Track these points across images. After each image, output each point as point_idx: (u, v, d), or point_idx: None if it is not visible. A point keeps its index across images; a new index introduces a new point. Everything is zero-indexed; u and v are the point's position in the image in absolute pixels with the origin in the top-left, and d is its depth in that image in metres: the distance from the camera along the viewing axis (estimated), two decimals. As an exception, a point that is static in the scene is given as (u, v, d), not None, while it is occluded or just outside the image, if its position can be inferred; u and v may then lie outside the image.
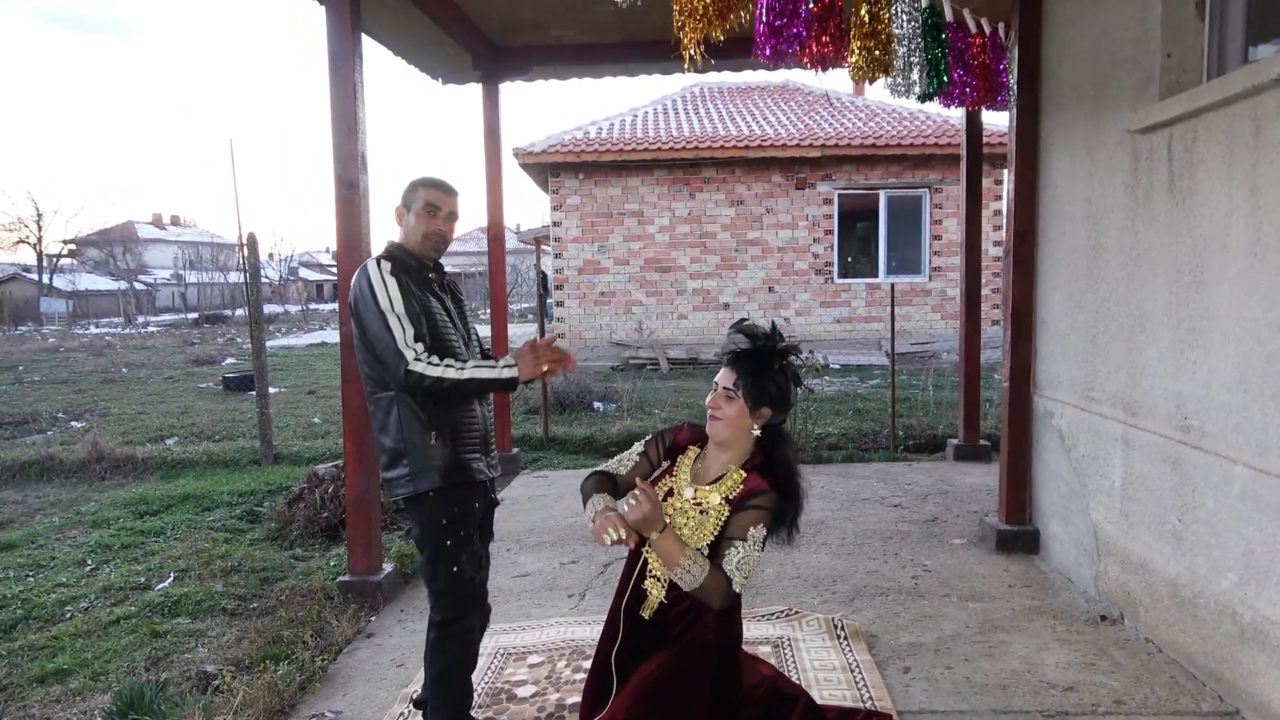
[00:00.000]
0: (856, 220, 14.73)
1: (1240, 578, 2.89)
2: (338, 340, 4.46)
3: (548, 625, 3.78)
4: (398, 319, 2.51)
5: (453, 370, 2.50)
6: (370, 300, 2.53)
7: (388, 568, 4.25)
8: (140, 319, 34.35)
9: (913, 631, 3.62)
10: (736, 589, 2.28)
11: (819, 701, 2.69)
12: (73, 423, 9.89)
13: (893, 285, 8.47)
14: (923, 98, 3.35)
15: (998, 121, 11.32)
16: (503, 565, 4.57)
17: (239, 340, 21.50)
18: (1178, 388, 3.26)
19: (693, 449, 2.48)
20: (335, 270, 4.28)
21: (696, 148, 13.88)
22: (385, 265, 2.58)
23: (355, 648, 3.66)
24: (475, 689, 3.12)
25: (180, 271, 46.91)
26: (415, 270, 2.67)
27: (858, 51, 2.97)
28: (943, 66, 3.38)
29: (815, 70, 2.92)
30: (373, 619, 3.96)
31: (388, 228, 2.84)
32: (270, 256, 46.63)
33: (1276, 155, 2.71)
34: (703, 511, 2.33)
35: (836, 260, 14.48)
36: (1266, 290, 2.76)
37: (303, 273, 53.46)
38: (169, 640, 3.84)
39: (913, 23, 3.16)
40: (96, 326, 30.67)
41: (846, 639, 3.51)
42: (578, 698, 2.76)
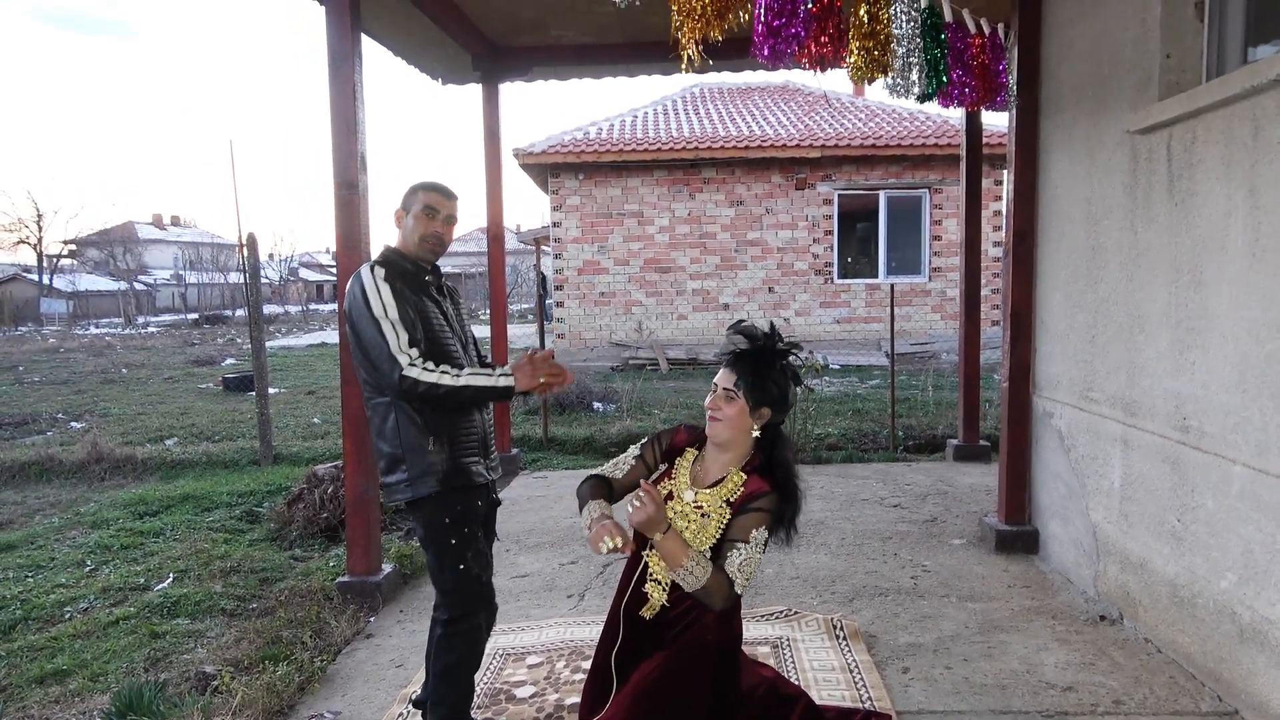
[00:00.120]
0: (856, 221, 14.73)
1: (1239, 578, 2.89)
2: (337, 341, 4.46)
3: (547, 626, 3.78)
4: (391, 325, 2.51)
5: (448, 377, 2.50)
6: (364, 307, 2.53)
7: (387, 568, 4.25)
8: (140, 319, 34.35)
9: (912, 632, 3.62)
10: (738, 590, 2.28)
11: (818, 702, 2.69)
12: (72, 423, 9.89)
13: (892, 286, 8.47)
14: (922, 98, 3.34)
15: (998, 122, 11.33)
16: (502, 566, 4.56)
17: (239, 341, 21.50)
18: (1177, 388, 3.26)
19: (691, 451, 2.48)
20: (335, 270, 4.28)
21: (696, 148, 13.88)
22: (379, 272, 2.58)
23: (354, 648, 3.66)
24: (475, 689, 3.13)
25: (180, 272, 46.90)
26: (411, 274, 2.67)
27: (856, 52, 2.97)
28: (942, 67, 3.37)
29: (814, 70, 2.92)
30: (372, 619, 3.96)
31: (387, 228, 2.85)
32: (270, 257, 46.63)
33: (1275, 156, 2.71)
34: (704, 515, 2.33)
35: (836, 260, 14.48)
36: (1265, 290, 2.76)
37: (303, 273, 53.45)
38: (168, 641, 3.84)
39: (911, 23, 3.15)
40: (96, 327, 30.67)
41: (845, 639, 3.51)
42: (577, 698, 2.76)
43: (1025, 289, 4.58)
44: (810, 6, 2.66)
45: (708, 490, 2.37)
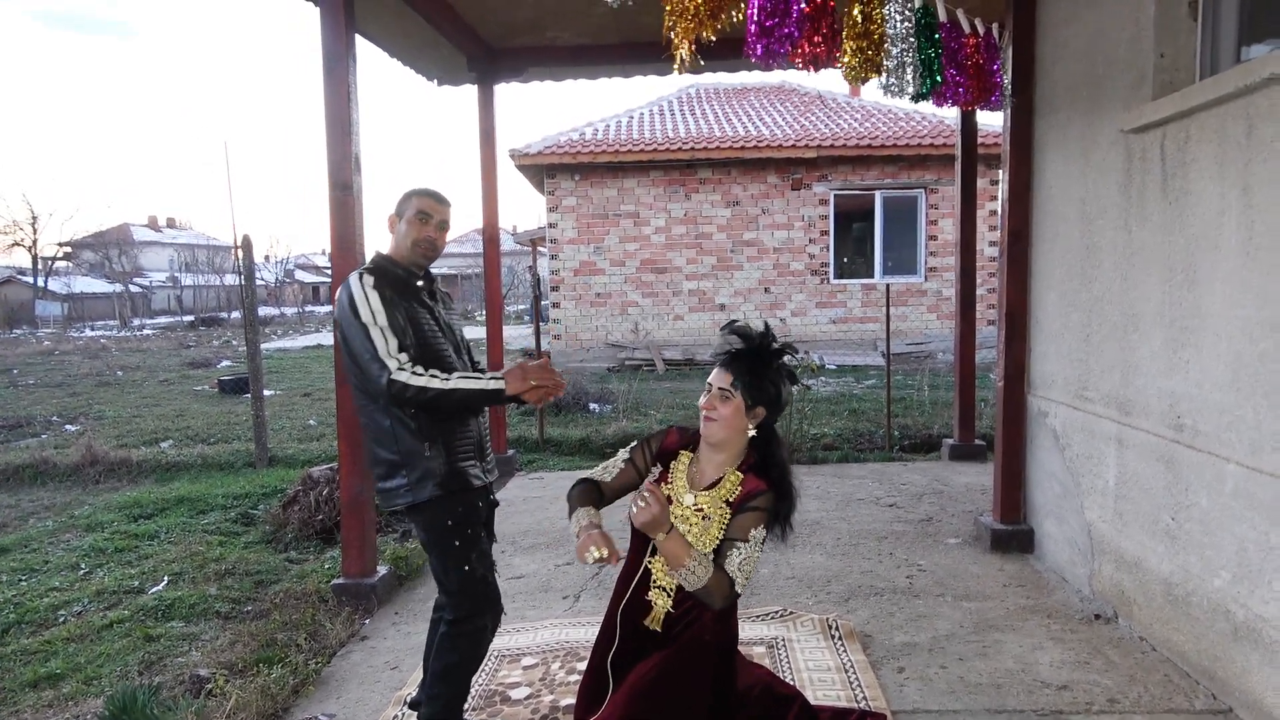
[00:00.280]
0: (852, 221, 14.74)
1: (1233, 576, 2.90)
2: (332, 343, 4.45)
3: (542, 627, 3.77)
4: (380, 331, 2.50)
5: (436, 380, 2.49)
6: (352, 315, 2.53)
7: (382, 570, 4.24)
8: (135, 321, 34.29)
9: (907, 631, 3.62)
10: (739, 590, 2.28)
11: (813, 702, 2.69)
12: (67, 426, 9.86)
13: (888, 286, 8.48)
14: (916, 98, 3.34)
15: (993, 122, 11.33)
16: (498, 567, 4.55)
17: (235, 343, 21.46)
18: (1171, 386, 3.27)
19: (685, 454, 2.47)
20: (331, 272, 4.26)
21: (692, 149, 13.89)
22: (367, 279, 2.58)
23: (349, 650, 3.65)
24: (470, 691, 3.13)
25: (176, 274, 46.85)
26: (402, 280, 2.67)
27: (850, 52, 2.97)
28: (936, 67, 3.37)
29: (808, 70, 2.91)
30: (367, 622, 3.95)
31: (382, 230, 2.84)
32: (266, 259, 46.58)
33: (1268, 154, 2.72)
34: (705, 517, 2.33)
35: (832, 261, 14.49)
36: (1259, 289, 2.76)
37: (299, 275, 53.41)
38: (162, 644, 3.83)
39: (905, 23, 3.15)
40: (91, 329, 30.61)
41: (841, 639, 3.51)
42: (572, 699, 2.76)
43: (1020, 288, 4.59)
44: (803, 6, 2.66)
45: (706, 492, 2.37)
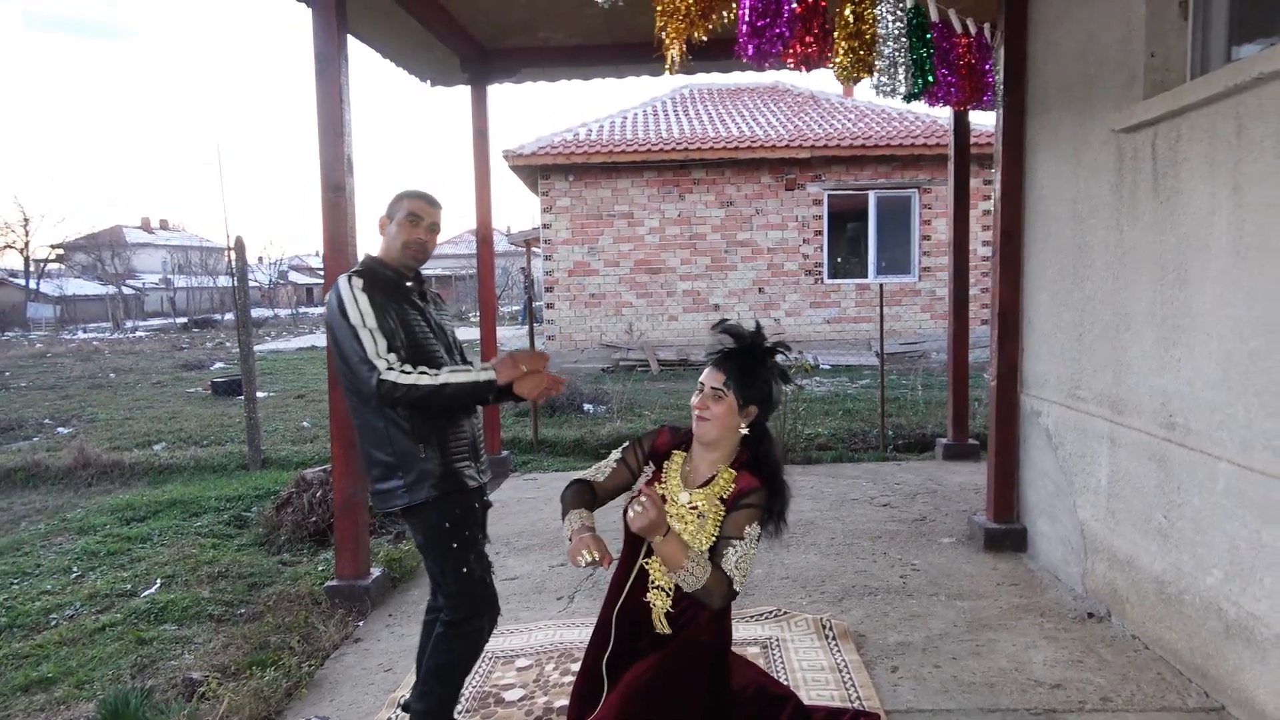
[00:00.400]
0: (846, 221, 14.76)
1: (1225, 574, 2.91)
2: (325, 345, 4.44)
3: (536, 628, 3.77)
4: (369, 333, 2.50)
5: (426, 377, 2.49)
6: (341, 317, 2.53)
7: (376, 572, 4.23)
8: (128, 324, 34.14)
9: (901, 631, 3.62)
10: (737, 588, 2.28)
11: (807, 702, 2.69)
12: (59, 429, 9.82)
13: (881, 285, 8.50)
14: (908, 98, 3.35)
15: (986, 121, 11.35)
16: (494, 568, 4.55)
17: (228, 345, 21.39)
18: (1162, 385, 3.28)
19: (678, 453, 2.47)
20: (324, 274, 4.27)
21: (686, 149, 13.89)
22: (356, 282, 2.58)
23: (343, 653, 3.64)
24: (462, 693, 3.12)
25: (169, 276, 46.67)
26: (392, 281, 2.67)
27: (842, 52, 2.98)
28: (928, 67, 3.39)
29: (799, 70, 2.92)
30: (360, 624, 3.94)
31: (374, 231, 2.83)
32: (259, 260, 46.44)
33: (1258, 154, 2.73)
34: (700, 515, 2.33)
35: (826, 261, 14.51)
36: (1249, 288, 2.77)
37: (292, 276, 53.24)
38: (155, 647, 3.81)
39: (897, 23, 3.16)
40: (84, 332, 30.48)
41: (835, 639, 3.51)
42: (566, 701, 2.75)
43: (1012, 288, 4.59)
44: (795, 6, 2.66)
45: (700, 490, 2.37)
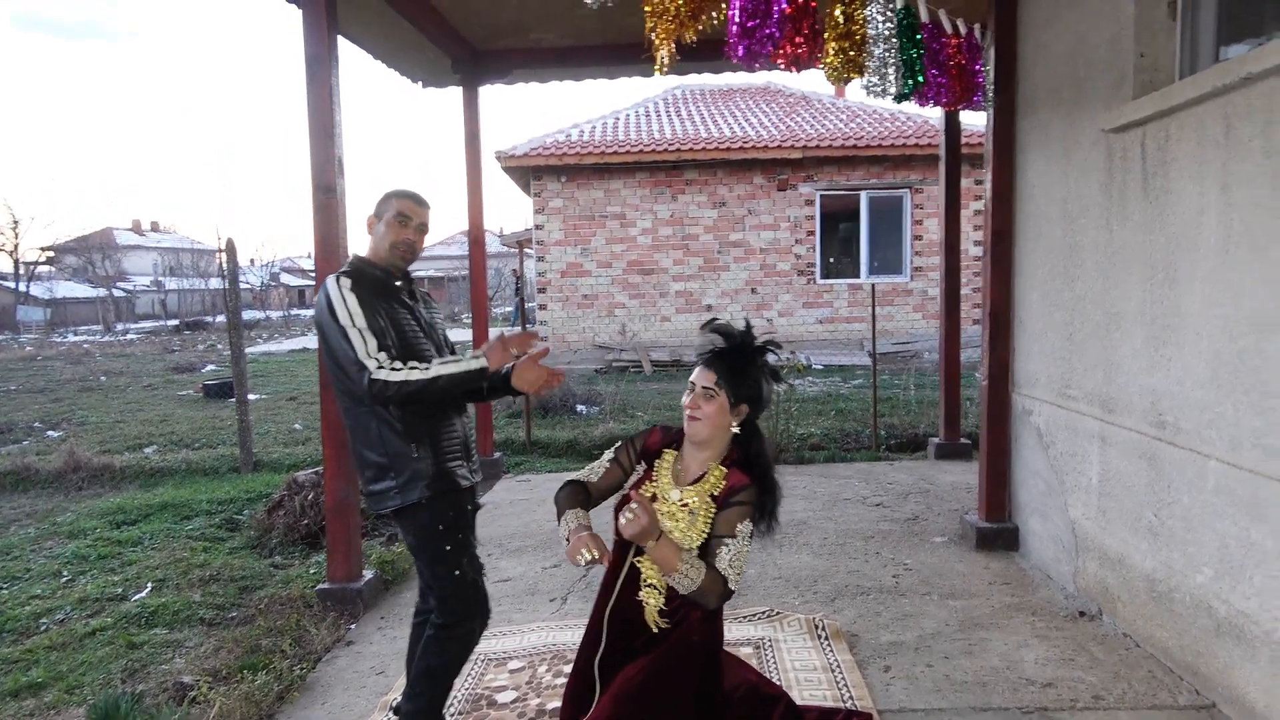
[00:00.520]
0: (838, 221, 14.78)
1: (1215, 572, 2.92)
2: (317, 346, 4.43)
3: (529, 630, 3.76)
4: (359, 333, 2.49)
5: (416, 372, 2.49)
6: (330, 317, 2.52)
7: (368, 574, 4.22)
8: (119, 326, 33.99)
9: (893, 630, 3.63)
10: (732, 587, 2.28)
11: (799, 702, 2.69)
12: (49, 432, 9.77)
13: (874, 285, 8.50)
14: (898, 98, 3.35)
15: (977, 121, 11.41)
16: (485, 570, 4.54)
17: (220, 347, 21.31)
18: (1152, 384, 3.29)
19: (669, 452, 2.47)
20: (315, 275, 4.24)
21: (678, 150, 13.89)
22: (345, 282, 2.57)
23: (335, 656, 3.63)
24: (455, 695, 3.12)
25: (160, 278, 46.50)
26: (381, 281, 2.66)
27: (832, 52, 2.97)
28: (918, 67, 3.38)
29: (790, 71, 2.92)
30: (353, 626, 3.93)
31: (364, 232, 2.82)
32: (251, 262, 46.33)
33: (1246, 153, 2.74)
34: (691, 512, 2.33)
35: (819, 261, 14.52)
36: (1237, 287, 2.79)
37: (284, 278, 53.10)
38: (146, 651, 3.80)
39: (887, 23, 3.16)
40: (75, 334, 30.31)
41: (827, 639, 3.51)
42: (559, 703, 2.74)
43: (1004, 288, 4.61)
44: (785, 7, 2.66)
45: (691, 487, 2.37)
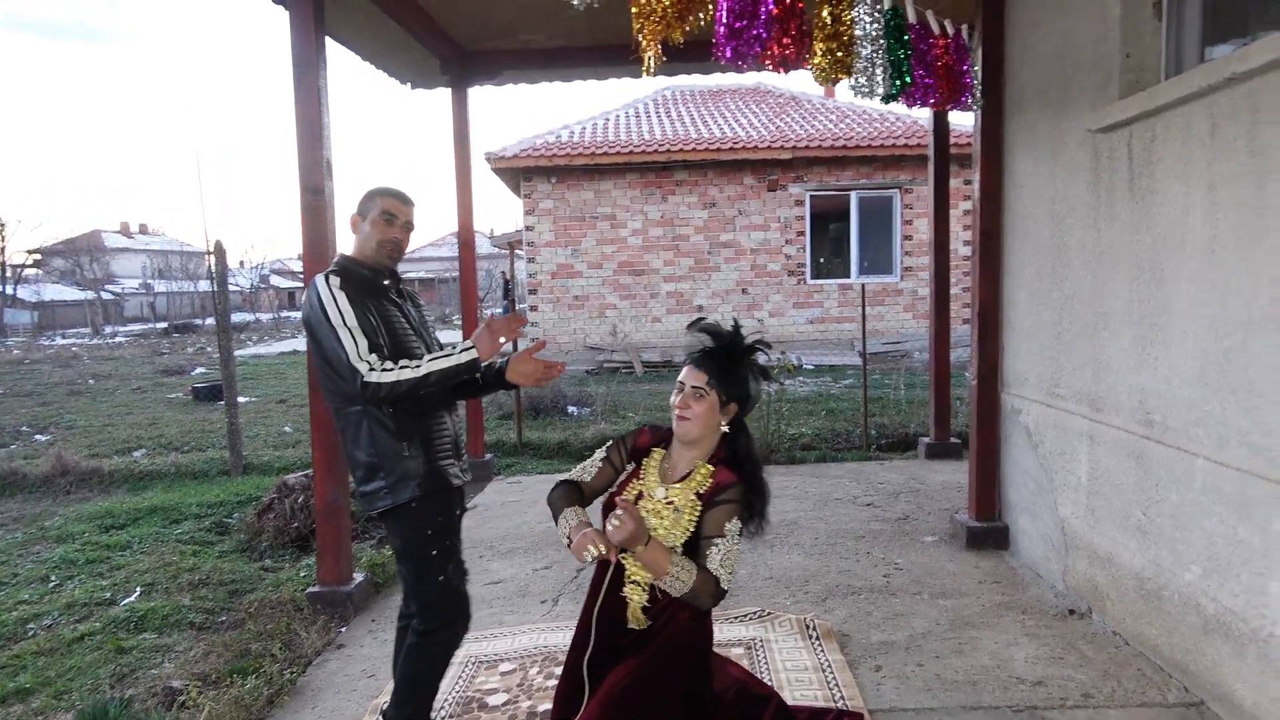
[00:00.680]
0: (828, 221, 14.81)
1: (1204, 570, 2.93)
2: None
3: (520, 632, 3.76)
4: (350, 333, 2.48)
5: (408, 371, 2.47)
6: (322, 316, 2.50)
7: (358, 577, 4.20)
8: (108, 329, 33.79)
9: (884, 630, 3.64)
10: (725, 586, 2.28)
11: (790, 702, 2.69)
12: (37, 436, 9.70)
13: (864, 286, 8.53)
14: (886, 99, 3.36)
15: (965, 122, 11.45)
16: (475, 572, 4.51)
17: (209, 350, 21.21)
18: (1140, 383, 3.30)
19: (657, 451, 2.48)
20: (304, 277, 4.23)
21: (669, 150, 13.90)
22: (334, 280, 2.55)
23: (325, 659, 3.62)
24: (446, 698, 3.11)
25: (149, 281, 46.25)
26: (369, 280, 2.65)
27: (820, 53, 2.98)
28: (905, 68, 3.39)
29: (778, 72, 2.92)
30: (343, 630, 3.91)
31: (350, 232, 2.81)
32: (241, 264, 46.14)
33: (1231, 153, 2.76)
34: (676, 510, 2.33)
35: (809, 261, 14.56)
36: (1224, 286, 2.80)
37: (274, 280, 52.91)
38: (134, 656, 3.77)
39: (875, 24, 3.17)
40: (63, 337, 30.11)
41: (818, 639, 3.52)
42: (550, 705, 2.74)
43: (992, 288, 4.62)
44: (772, 8, 2.67)
45: (677, 485, 2.37)
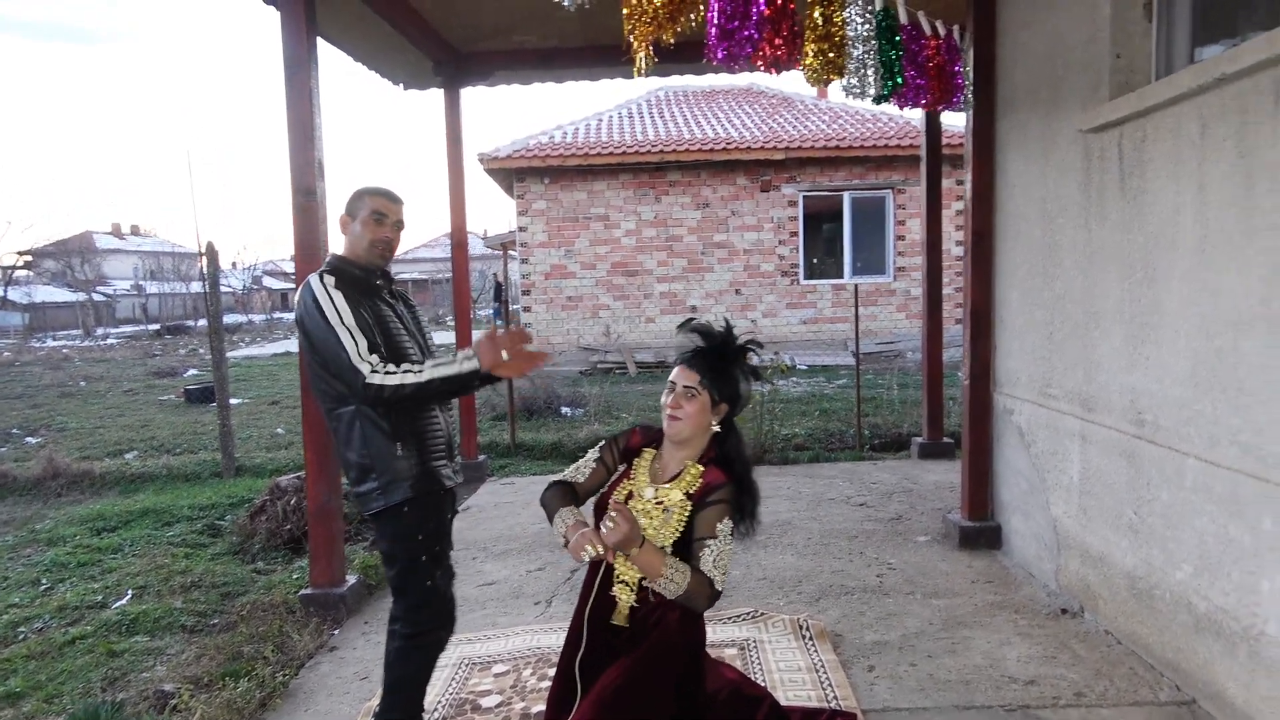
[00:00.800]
0: (821, 222, 14.84)
1: (1195, 569, 2.94)
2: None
3: (513, 634, 3.75)
4: (348, 332, 2.46)
5: (411, 375, 2.46)
6: (318, 316, 2.48)
7: (351, 579, 4.19)
8: (99, 331, 33.65)
9: (877, 630, 3.64)
10: (719, 588, 2.28)
11: (784, 703, 2.69)
12: (28, 438, 9.66)
13: (857, 286, 8.53)
14: (878, 99, 3.37)
15: (958, 122, 11.48)
16: (468, 574, 4.53)
17: (201, 351, 21.13)
18: (1131, 382, 3.31)
19: (648, 451, 2.48)
20: (295, 278, 4.21)
21: (662, 151, 13.91)
22: (329, 279, 2.54)
23: (318, 662, 3.61)
24: (439, 700, 3.11)
25: (141, 282, 46.08)
26: (362, 280, 2.64)
27: (812, 54, 2.98)
28: (897, 69, 3.40)
29: (770, 72, 2.93)
30: (336, 632, 3.90)
31: (340, 233, 2.80)
32: (234, 265, 46.01)
33: (1221, 154, 2.77)
34: (665, 509, 2.33)
35: (802, 262, 14.57)
36: (1214, 286, 2.81)
37: (267, 281, 52.76)
38: (126, 659, 3.76)
39: (866, 25, 3.17)
40: (54, 339, 29.96)
41: (812, 639, 3.52)
42: (543, 706, 2.74)
43: (984, 288, 4.63)
44: (763, 9, 2.67)
45: (666, 485, 2.37)
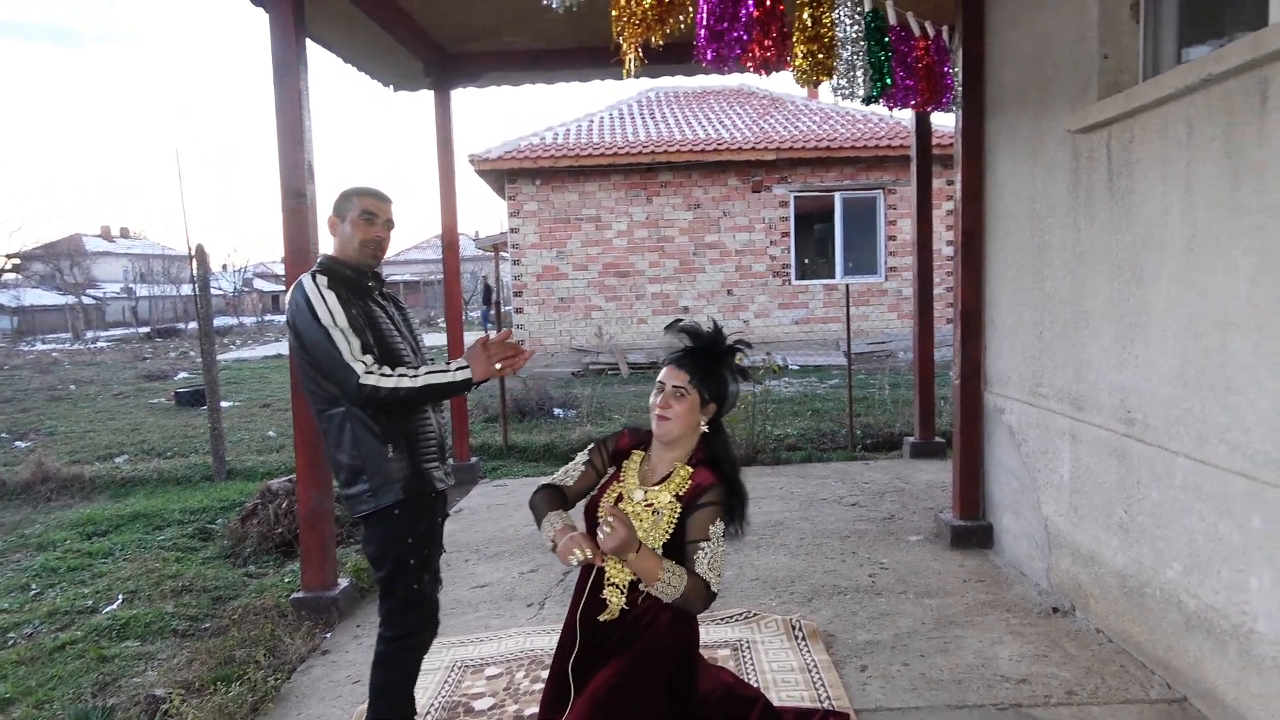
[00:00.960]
0: (813, 222, 14.87)
1: (1184, 567, 2.96)
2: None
3: (506, 636, 3.74)
4: (341, 333, 2.44)
5: (406, 379, 2.46)
6: (310, 317, 2.46)
7: (343, 582, 4.18)
8: (89, 334, 33.47)
9: (870, 630, 3.65)
10: (715, 590, 2.29)
11: (777, 703, 2.70)
12: (17, 443, 9.61)
13: (848, 286, 8.56)
14: (867, 100, 3.38)
15: (948, 122, 11.50)
16: (461, 576, 4.53)
17: (192, 354, 21.04)
18: (1121, 381, 3.33)
19: (637, 453, 2.48)
20: (285, 281, 4.17)
21: (653, 152, 13.92)
22: (321, 280, 2.52)
23: (310, 665, 3.59)
24: (431, 703, 3.10)
25: (131, 285, 45.86)
26: (354, 280, 2.62)
27: (801, 55, 2.99)
28: (886, 70, 3.41)
29: (759, 73, 2.93)
30: (328, 635, 3.89)
31: (329, 234, 2.79)
32: (224, 268, 45.82)
33: (1208, 154, 2.78)
34: (655, 511, 2.34)
35: (794, 262, 14.60)
36: (1202, 286, 2.83)
37: (257, 283, 52.59)
38: (117, 664, 3.74)
39: (855, 26, 3.19)
40: (43, 343, 29.79)
41: (804, 639, 3.52)
42: (536, 709, 2.73)
43: (975, 288, 4.65)
44: (752, 10, 2.68)
45: (656, 487, 2.38)
